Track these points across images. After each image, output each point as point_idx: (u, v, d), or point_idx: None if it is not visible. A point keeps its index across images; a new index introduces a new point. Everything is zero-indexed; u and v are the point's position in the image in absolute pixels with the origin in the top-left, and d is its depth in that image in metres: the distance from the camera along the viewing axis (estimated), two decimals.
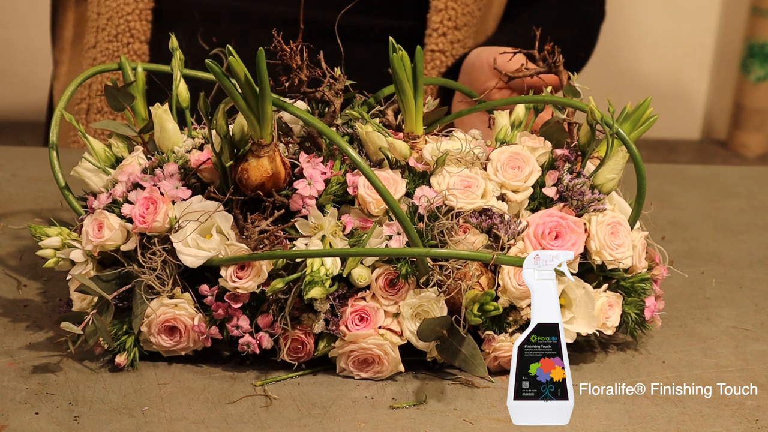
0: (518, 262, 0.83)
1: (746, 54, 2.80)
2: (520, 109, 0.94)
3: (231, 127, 0.86)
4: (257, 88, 0.81)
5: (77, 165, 0.93)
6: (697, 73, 2.90)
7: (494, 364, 0.88)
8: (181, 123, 0.94)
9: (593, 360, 0.92)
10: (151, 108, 0.91)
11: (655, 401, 0.86)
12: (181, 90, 0.96)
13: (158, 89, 0.98)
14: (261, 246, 0.84)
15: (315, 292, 0.82)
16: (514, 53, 1.02)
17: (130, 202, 0.87)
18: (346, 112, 0.91)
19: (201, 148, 0.90)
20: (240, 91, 0.82)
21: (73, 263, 0.89)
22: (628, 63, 2.81)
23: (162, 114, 0.90)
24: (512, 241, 0.86)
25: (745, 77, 2.81)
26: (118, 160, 0.93)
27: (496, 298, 0.85)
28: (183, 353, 0.88)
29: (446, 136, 0.91)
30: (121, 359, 0.86)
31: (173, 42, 0.97)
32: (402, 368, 0.87)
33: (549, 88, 0.96)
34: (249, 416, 0.81)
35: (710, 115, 2.96)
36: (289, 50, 0.89)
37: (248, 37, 1.26)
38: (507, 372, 0.88)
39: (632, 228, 0.91)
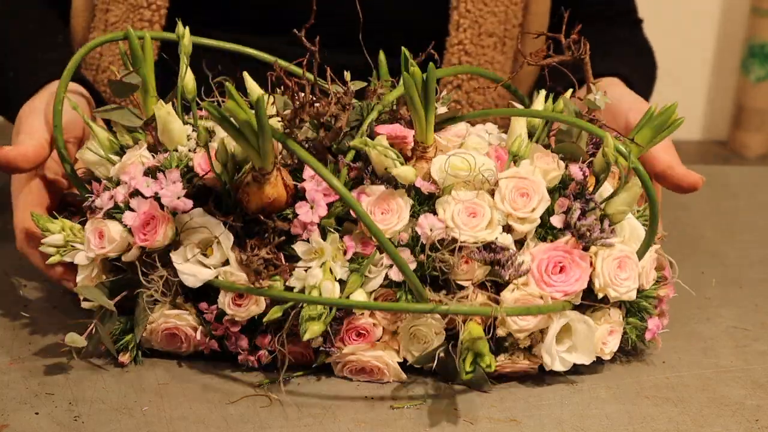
0: (520, 312, 0.83)
1: (746, 54, 2.79)
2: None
3: (232, 147, 0.84)
4: (256, 126, 0.78)
5: (80, 151, 0.92)
6: (697, 73, 2.89)
7: (494, 374, 0.87)
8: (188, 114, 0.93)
9: (593, 360, 0.91)
10: (154, 107, 0.90)
11: (655, 401, 0.86)
12: (188, 81, 0.93)
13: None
14: (261, 273, 0.82)
15: (313, 331, 0.81)
16: (537, 35, 0.99)
17: (131, 209, 0.85)
18: (352, 144, 0.87)
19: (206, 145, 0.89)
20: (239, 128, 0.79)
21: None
22: None
23: (165, 116, 0.88)
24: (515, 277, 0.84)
25: (745, 77, 2.81)
26: (123, 148, 0.91)
27: (494, 329, 0.84)
28: (184, 354, 0.88)
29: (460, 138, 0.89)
30: (123, 358, 0.86)
31: (179, 29, 0.95)
32: (404, 377, 0.86)
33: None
34: (249, 416, 0.81)
35: (710, 115, 2.96)
36: (291, 84, 0.85)
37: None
38: (508, 378, 0.88)
39: (642, 257, 0.87)
